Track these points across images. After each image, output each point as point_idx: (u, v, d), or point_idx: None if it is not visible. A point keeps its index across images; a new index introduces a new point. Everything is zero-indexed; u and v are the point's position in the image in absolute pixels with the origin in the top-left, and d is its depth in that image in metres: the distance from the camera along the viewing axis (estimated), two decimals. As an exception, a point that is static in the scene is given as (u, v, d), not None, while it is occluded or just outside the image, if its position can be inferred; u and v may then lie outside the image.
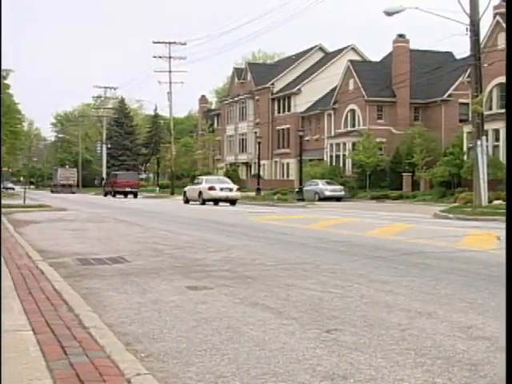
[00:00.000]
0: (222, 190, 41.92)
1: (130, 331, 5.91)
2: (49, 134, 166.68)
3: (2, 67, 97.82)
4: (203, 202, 41.75)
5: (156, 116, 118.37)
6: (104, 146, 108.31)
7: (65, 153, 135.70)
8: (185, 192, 46.24)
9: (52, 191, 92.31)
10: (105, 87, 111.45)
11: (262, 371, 4.67)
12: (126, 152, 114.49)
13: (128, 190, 65.75)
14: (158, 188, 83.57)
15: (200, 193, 42.44)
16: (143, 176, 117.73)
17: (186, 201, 44.78)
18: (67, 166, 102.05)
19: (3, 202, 41.62)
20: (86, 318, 5.73)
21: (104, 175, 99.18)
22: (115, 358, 4.45)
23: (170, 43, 77.84)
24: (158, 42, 77.68)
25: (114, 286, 8.42)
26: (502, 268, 8.21)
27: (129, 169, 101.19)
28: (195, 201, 43.06)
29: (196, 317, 6.50)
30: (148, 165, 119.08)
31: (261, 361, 4.94)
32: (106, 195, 68.83)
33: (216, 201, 41.73)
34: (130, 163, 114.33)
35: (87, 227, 19.34)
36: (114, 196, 65.62)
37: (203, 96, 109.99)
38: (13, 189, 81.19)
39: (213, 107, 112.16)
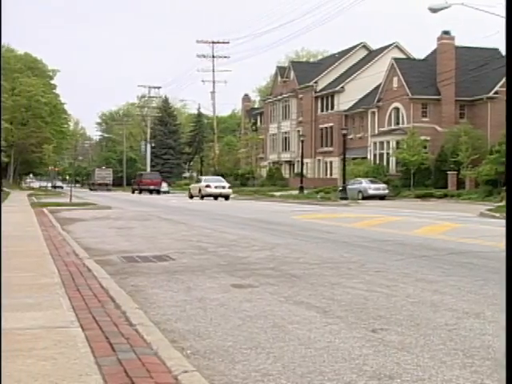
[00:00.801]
0: (216, 187, 49.79)
1: (175, 328, 5.95)
2: (94, 133, 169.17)
3: (49, 67, 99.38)
4: (202, 197, 49.12)
5: (199, 115, 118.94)
6: (148, 144, 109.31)
7: (110, 152, 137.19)
8: (189, 189, 54.75)
9: (90, 189, 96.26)
10: (149, 86, 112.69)
11: (308, 370, 4.67)
12: (170, 151, 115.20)
13: (151, 187, 72.84)
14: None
15: (199, 190, 50.42)
16: (187, 175, 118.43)
17: (191, 196, 52.05)
18: (104, 167, 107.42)
19: (51, 200, 42.33)
20: (132, 315, 5.79)
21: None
22: (162, 354, 4.49)
23: (213, 42, 78.54)
24: (202, 42, 78.40)
25: (159, 284, 8.49)
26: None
27: (176, 166, 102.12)
28: (197, 196, 50.48)
29: (241, 315, 6.52)
30: (191, 163, 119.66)
31: (306, 359, 4.94)
32: (133, 192, 74.44)
33: (212, 196, 48.98)
34: (173, 162, 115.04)
35: (132, 225, 19.52)
36: (140, 193, 71.47)
37: (246, 95, 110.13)
38: (62, 187, 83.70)
39: (256, 106, 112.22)
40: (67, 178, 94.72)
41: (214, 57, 79.03)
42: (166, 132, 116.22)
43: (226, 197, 49.18)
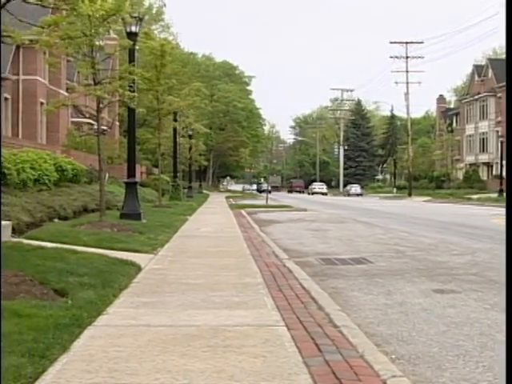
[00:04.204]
0: (319, 188, 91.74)
1: (378, 332, 5.92)
2: (288, 136, 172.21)
3: (246, 74, 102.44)
4: (312, 194, 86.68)
5: (392, 117, 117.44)
6: (341, 147, 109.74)
7: (303, 155, 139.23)
8: (309, 189, 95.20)
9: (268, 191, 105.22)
10: (342, 89, 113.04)
11: (522, 382, 4.45)
12: (363, 153, 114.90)
13: (297, 189, 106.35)
14: (395, 189, 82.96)
15: (311, 189, 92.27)
16: (380, 177, 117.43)
17: (308, 193, 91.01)
18: (275, 175, 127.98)
19: (247, 202, 43.69)
20: (335, 316, 5.83)
21: (341, 177, 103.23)
22: (368, 358, 4.48)
23: (406, 43, 77.01)
24: (395, 42, 77.19)
25: (358, 287, 8.48)
26: None
27: (369, 168, 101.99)
28: (310, 194, 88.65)
29: (445, 321, 6.36)
30: (384, 166, 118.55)
31: (519, 371, 4.71)
32: (288, 192, 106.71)
33: (316, 193, 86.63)
34: (366, 164, 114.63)
35: (328, 227, 19.67)
36: (291, 193, 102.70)
37: (441, 95, 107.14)
38: (270, 191, 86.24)
39: (451, 106, 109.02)
40: (262, 180, 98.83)
41: (407, 57, 77.48)
42: (359, 134, 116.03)
43: (325, 194, 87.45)
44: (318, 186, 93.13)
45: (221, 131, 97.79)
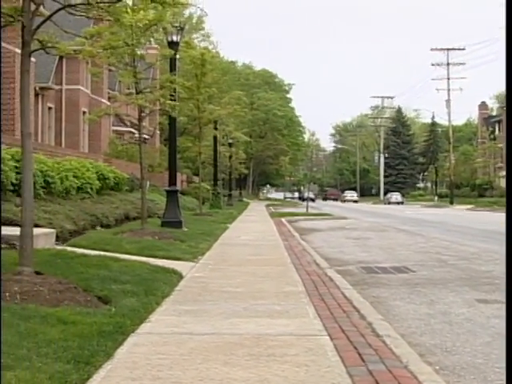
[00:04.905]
0: (350, 196, 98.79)
1: (421, 342, 5.86)
2: (327, 144, 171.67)
3: (285, 82, 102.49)
4: (343, 202, 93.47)
5: (433, 124, 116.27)
6: (381, 155, 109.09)
7: (343, 162, 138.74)
8: (342, 196, 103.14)
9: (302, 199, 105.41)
10: (382, 97, 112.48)
11: None
12: (403, 161, 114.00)
13: (332, 197, 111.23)
14: (436, 197, 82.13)
15: (343, 197, 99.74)
16: (421, 185, 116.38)
17: (341, 201, 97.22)
18: (312, 183, 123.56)
19: (287, 210, 43.70)
20: (378, 326, 5.79)
21: (381, 185, 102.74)
22: (412, 368, 4.44)
23: (448, 50, 76.27)
24: (436, 49, 76.53)
25: (400, 296, 8.42)
26: None
27: (409, 176, 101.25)
28: (342, 201, 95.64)
29: (490, 331, 6.27)
30: (425, 174, 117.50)
31: None
32: (323, 200, 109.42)
33: (347, 201, 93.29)
34: (406, 172, 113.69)
35: (368, 236, 19.55)
36: (325, 200, 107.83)
37: (483, 102, 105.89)
38: (313, 200, 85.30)
39: (493, 113, 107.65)
40: (301, 188, 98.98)
41: (448, 64, 76.83)
42: (400, 142, 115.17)
43: (355, 201, 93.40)
44: (350, 194, 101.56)
45: (261, 139, 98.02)
